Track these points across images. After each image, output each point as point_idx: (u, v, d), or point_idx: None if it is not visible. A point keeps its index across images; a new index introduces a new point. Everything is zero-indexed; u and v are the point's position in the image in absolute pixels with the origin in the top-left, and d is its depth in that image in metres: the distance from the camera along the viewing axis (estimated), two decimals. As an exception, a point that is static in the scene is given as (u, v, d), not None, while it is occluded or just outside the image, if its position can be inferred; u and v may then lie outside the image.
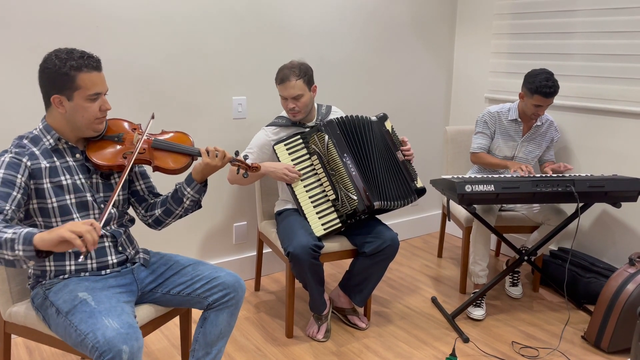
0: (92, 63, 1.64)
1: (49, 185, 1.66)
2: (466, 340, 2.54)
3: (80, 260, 1.42)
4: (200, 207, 1.93)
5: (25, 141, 1.67)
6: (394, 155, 2.53)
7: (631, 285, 2.39)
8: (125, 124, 1.86)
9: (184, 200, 1.87)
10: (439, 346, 2.50)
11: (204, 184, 1.89)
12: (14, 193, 1.55)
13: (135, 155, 1.73)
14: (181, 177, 2.72)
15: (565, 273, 2.63)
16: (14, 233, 1.38)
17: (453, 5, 3.72)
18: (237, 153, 1.90)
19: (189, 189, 1.86)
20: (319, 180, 2.46)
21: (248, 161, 1.91)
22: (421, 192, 2.53)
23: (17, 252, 1.37)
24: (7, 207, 1.52)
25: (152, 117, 1.88)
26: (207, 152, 1.82)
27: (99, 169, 1.74)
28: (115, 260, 1.78)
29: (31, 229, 1.41)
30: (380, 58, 3.42)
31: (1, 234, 1.39)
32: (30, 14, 2.27)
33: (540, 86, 2.67)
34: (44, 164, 1.65)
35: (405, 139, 2.56)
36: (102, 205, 1.77)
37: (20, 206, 1.57)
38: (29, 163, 1.62)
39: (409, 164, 2.55)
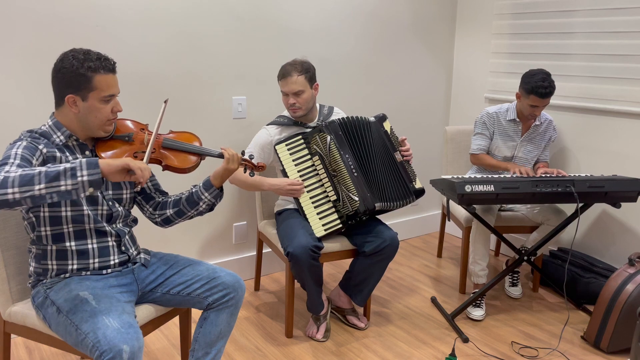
0: (108, 65, 1.66)
1: None
2: (466, 340, 2.54)
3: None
4: (212, 210, 1.94)
5: (35, 134, 1.68)
6: (392, 156, 2.53)
7: (631, 285, 2.40)
8: (133, 125, 1.86)
9: (200, 204, 1.89)
10: (438, 346, 2.50)
11: (221, 189, 1.90)
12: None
13: (148, 151, 1.73)
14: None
15: (565, 273, 2.63)
16: (72, 163, 1.42)
17: (453, 6, 3.72)
18: (243, 153, 1.91)
19: (206, 194, 1.87)
20: (320, 180, 2.45)
21: (254, 161, 1.92)
22: (419, 193, 2.53)
23: (79, 178, 1.40)
24: None
25: (165, 103, 1.86)
26: (228, 157, 1.82)
27: None
28: (117, 260, 1.79)
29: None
30: (380, 58, 3.43)
31: (55, 168, 1.41)
32: (31, 13, 2.27)
33: (536, 87, 2.67)
34: (58, 154, 1.66)
35: (404, 139, 2.56)
36: (110, 202, 1.77)
37: None
38: (44, 150, 1.63)
39: (408, 165, 2.55)
